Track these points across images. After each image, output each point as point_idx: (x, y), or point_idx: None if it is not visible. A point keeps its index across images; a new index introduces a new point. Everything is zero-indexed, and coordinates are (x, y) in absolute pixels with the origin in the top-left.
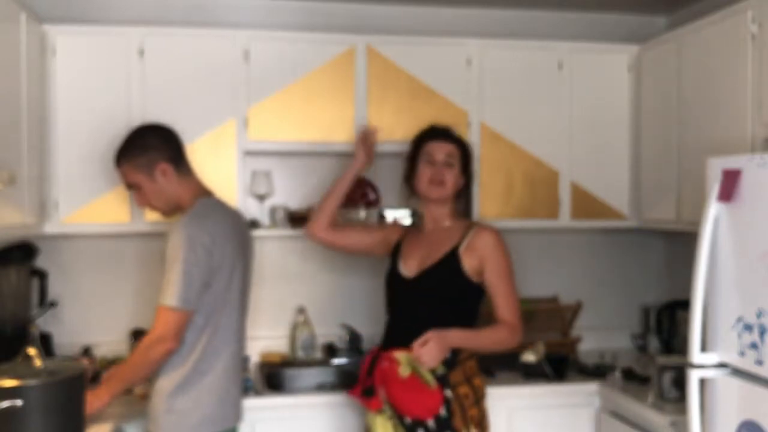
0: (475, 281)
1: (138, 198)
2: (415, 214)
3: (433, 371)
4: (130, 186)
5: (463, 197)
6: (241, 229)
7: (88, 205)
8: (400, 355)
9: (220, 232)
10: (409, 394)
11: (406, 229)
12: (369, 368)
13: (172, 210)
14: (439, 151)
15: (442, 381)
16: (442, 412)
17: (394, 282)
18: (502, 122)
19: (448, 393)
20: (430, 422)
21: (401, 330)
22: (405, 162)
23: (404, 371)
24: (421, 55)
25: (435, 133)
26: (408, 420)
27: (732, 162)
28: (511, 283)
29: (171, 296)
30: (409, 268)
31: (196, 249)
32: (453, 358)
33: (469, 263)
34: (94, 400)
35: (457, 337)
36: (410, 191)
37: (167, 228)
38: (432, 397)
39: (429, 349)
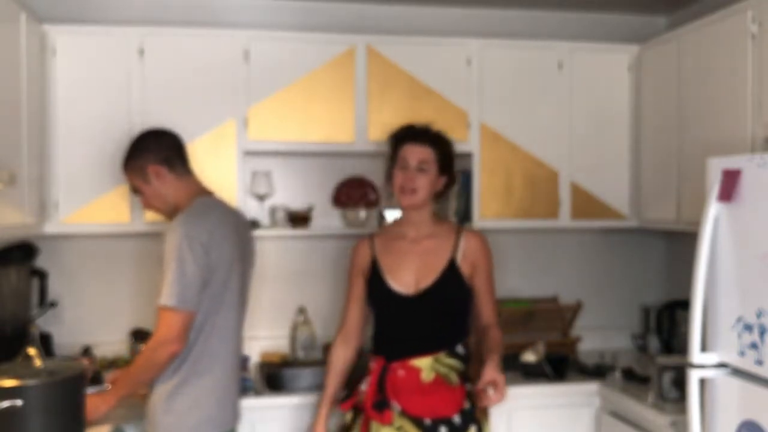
0: (469, 287)
1: (142, 201)
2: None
3: (454, 369)
4: (135, 190)
5: (445, 198)
6: (240, 228)
7: (88, 205)
8: (419, 361)
9: (218, 230)
10: (433, 396)
11: (373, 242)
12: (378, 381)
13: (171, 211)
14: (413, 156)
15: (463, 377)
16: (466, 405)
17: (386, 300)
18: (502, 122)
19: (468, 386)
20: (456, 417)
21: (406, 342)
22: (386, 161)
23: (428, 376)
24: (421, 55)
25: (411, 134)
26: (428, 421)
27: (732, 162)
28: (494, 286)
29: (169, 296)
30: (403, 284)
31: (193, 247)
32: (467, 353)
33: (465, 271)
34: (101, 403)
35: (498, 358)
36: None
37: (165, 228)
38: (456, 393)
39: (502, 391)
